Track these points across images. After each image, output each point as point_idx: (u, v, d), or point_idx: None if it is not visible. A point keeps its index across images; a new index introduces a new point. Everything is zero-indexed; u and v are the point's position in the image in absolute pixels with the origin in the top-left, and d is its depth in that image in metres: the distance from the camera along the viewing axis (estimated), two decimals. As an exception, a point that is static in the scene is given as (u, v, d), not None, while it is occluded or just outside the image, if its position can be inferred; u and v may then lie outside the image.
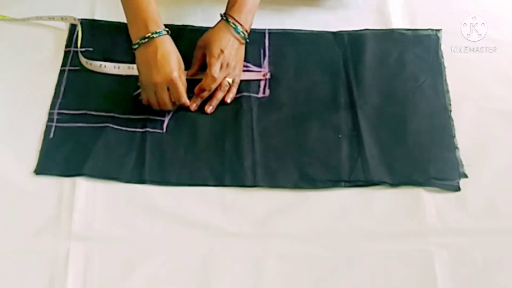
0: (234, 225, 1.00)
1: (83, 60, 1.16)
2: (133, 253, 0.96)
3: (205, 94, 1.11)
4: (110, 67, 1.16)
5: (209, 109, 1.12)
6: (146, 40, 1.06)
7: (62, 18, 1.22)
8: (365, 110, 1.12)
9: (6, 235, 0.97)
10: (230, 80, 1.12)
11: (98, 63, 1.16)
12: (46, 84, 1.13)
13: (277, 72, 1.17)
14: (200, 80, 1.12)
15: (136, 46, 1.07)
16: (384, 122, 1.11)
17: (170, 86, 1.07)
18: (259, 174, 1.05)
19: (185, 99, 1.09)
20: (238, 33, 1.11)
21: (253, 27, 1.19)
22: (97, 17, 1.23)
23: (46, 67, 1.16)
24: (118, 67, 1.14)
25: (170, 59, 1.06)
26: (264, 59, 1.19)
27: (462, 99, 1.15)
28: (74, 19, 1.21)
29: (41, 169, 1.03)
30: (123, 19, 1.10)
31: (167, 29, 1.08)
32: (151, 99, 1.09)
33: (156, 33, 1.06)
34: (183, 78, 1.09)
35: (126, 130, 1.09)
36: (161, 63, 1.05)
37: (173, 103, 1.10)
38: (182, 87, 1.08)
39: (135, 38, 1.07)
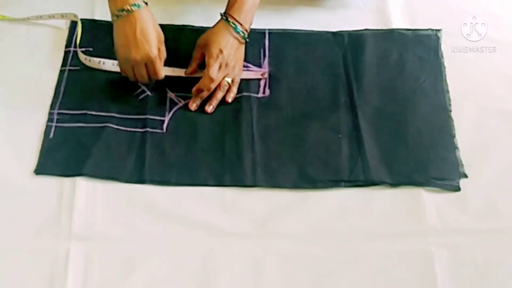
0: (234, 225, 1.00)
1: (82, 56, 1.16)
2: (133, 253, 0.96)
3: (205, 94, 1.11)
4: (108, 64, 1.15)
5: (209, 108, 1.12)
6: (124, 12, 1.05)
7: (62, 16, 1.22)
8: (365, 110, 1.12)
9: (6, 235, 0.97)
10: (229, 80, 1.12)
11: (97, 59, 1.16)
12: (46, 84, 1.13)
13: (277, 72, 1.17)
14: (199, 78, 1.12)
15: (115, 18, 1.06)
16: (384, 122, 1.12)
17: (148, 64, 1.07)
18: (259, 174, 1.05)
19: (161, 76, 1.09)
20: (238, 32, 1.11)
21: (253, 27, 1.19)
22: (97, 17, 1.23)
23: (46, 67, 1.16)
24: (117, 64, 1.14)
25: (149, 36, 1.06)
26: (264, 59, 1.19)
27: (462, 99, 1.15)
28: (75, 16, 1.21)
29: (41, 169, 1.03)
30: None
31: (146, 1, 1.08)
32: (128, 73, 1.09)
33: (135, 5, 1.05)
34: (163, 50, 1.10)
35: (126, 130, 1.09)
36: (140, 40, 1.05)
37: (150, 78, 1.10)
38: (160, 64, 1.09)
39: (113, 9, 1.07)
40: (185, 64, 1.16)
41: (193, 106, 1.11)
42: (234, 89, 1.14)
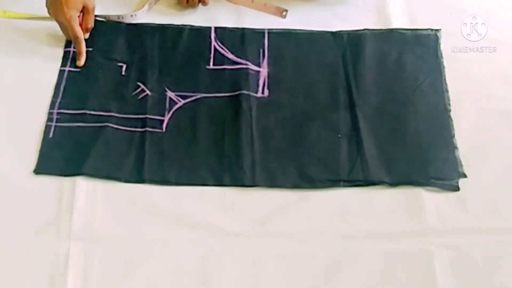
0: (234, 225, 1.00)
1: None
2: (133, 253, 0.96)
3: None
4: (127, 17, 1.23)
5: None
6: None
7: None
8: (364, 110, 1.12)
9: (6, 235, 0.97)
10: None
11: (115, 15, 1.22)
12: (45, 84, 1.13)
13: (277, 72, 1.17)
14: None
15: None
16: (384, 122, 1.11)
17: (67, 25, 1.14)
18: (258, 174, 1.05)
19: (79, 38, 1.15)
20: None
21: (252, 26, 1.20)
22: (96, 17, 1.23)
23: (46, 66, 1.15)
24: (122, 17, 1.21)
25: (69, 1, 1.13)
26: (263, 59, 1.19)
27: (461, 99, 1.14)
28: (118, 17, 1.23)
29: (40, 169, 1.03)
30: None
31: None
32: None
33: None
34: (88, 18, 1.17)
35: (125, 130, 1.09)
36: (60, 3, 1.13)
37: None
38: (76, 28, 1.14)
39: None
40: (185, 63, 1.16)
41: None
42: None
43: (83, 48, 1.16)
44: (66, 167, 1.04)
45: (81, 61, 1.16)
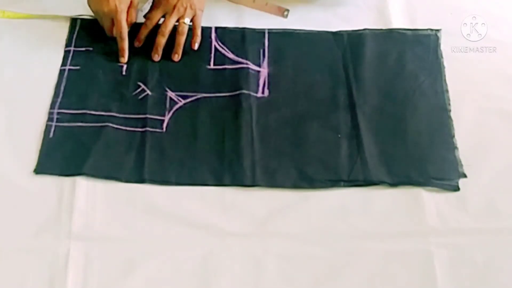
0: (234, 225, 1.00)
1: None
2: (133, 253, 0.96)
3: (161, 40, 1.16)
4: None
5: (175, 57, 1.17)
6: None
7: (66, 18, 1.22)
8: (364, 110, 1.12)
9: (6, 235, 0.97)
10: (187, 21, 1.15)
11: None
12: (46, 83, 1.13)
13: (277, 72, 1.17)
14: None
15: None
16: (384, 122, 1.11)
17: (114, 19, 1.13)
18: (258, 174, 1.04)
19: (124, 34, 1.15)
20: None
21: (252, 26, 1.19)
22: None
23: (46, 66, 1.15)
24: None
25: None
26: (263, 59, 1.19)
27: (461, 99, 1.14)
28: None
29: (41, 169, 1.03)
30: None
31: None
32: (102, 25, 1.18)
33: None
34: (132, 13, 1.17)
35: (126, 130, 1.09)
36: None
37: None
38: (124, 22, 1.14)
39: None
40: (185, 63, 1.17)
41: (155, 57, 1.16)
42: (198, 33, 1.17)
43: (127, 45, 1.16)
44: (66, 167, 1.04)
45: (125, 58, 1.16)
